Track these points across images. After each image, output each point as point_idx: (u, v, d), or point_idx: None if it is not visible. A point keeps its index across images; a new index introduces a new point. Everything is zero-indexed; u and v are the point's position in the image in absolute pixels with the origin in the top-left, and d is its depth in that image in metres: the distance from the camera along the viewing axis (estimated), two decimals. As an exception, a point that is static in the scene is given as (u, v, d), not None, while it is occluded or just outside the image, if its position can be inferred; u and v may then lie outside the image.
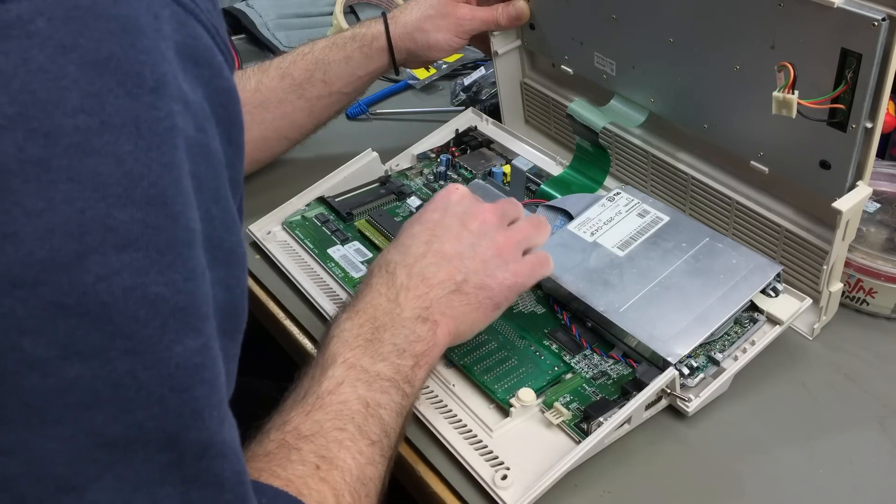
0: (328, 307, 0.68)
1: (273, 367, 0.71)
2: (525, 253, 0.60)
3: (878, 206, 0.70)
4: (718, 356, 0.60)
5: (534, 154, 0.84)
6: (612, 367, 0.61)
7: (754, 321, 0.62)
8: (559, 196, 0.77)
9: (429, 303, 0.55)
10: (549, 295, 0.67)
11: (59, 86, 0.30)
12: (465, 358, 0.62)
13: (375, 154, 0.82)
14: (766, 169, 0.66)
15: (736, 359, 0.61)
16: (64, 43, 0.30)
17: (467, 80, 1.00)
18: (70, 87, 0.30)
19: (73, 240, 0.30)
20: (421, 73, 1.07)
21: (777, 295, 0.63)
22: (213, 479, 0.35)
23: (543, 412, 0.58)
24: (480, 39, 0.86)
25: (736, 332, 0.62)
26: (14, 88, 0.30)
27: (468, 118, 0.90)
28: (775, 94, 0.57)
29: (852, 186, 0.60)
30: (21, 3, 0.30)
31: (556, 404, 0.58)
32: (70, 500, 0.32)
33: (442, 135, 0.88)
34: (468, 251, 0.57)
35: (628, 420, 0.57)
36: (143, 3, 0.33)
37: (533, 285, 0.60)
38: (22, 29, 0.30)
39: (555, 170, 0.82)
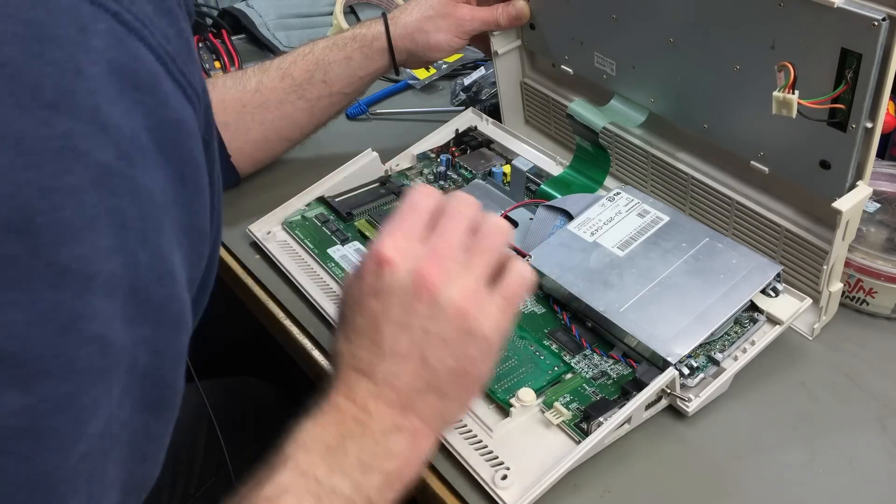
0: (328, 307, 0.68)
1: (272, 367, 0.71)
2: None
3: (878, 206, 0.70)
4: (718, 356, 0.60)
5: (534, 154, 0.84)
6: (612, 367, 0.61)
7: (754, 321, 0.62)
8: (559, 196, 0.77)
9: (401, 410, 0.46)
10: (549, 295, 0.67)
11: None
12: (465, 358, 0.62)
13: (375, 154, 0.82)
14: (766, 169, 0.66)
15: (736, 359, 0.61)
16: None
17: (467, 80, 1.00)
18: None
19: None
20: (421, 73, 1.07)
21: (777, 295, 0.63)
22: None
23: (543, 412, 0.58)
24: (480, 39, 0.86)
25: (736, 332, 0.62)
26: None
27: (468, 118, 0.90)
28: (775, 94, 0.57)
29: (852, 186, 0.60)
30: None
31: (556, 404, 0.58)
32: None
33: (442, 135, 0.88)
34: (424, 340, 0.46)
35: (628, 420, 0.57)
36: (68, 13, 0.29)
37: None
38: None
39: (555, 170, 0.82)
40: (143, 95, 0.31)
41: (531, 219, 0.75)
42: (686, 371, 0.59)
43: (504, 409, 0.58)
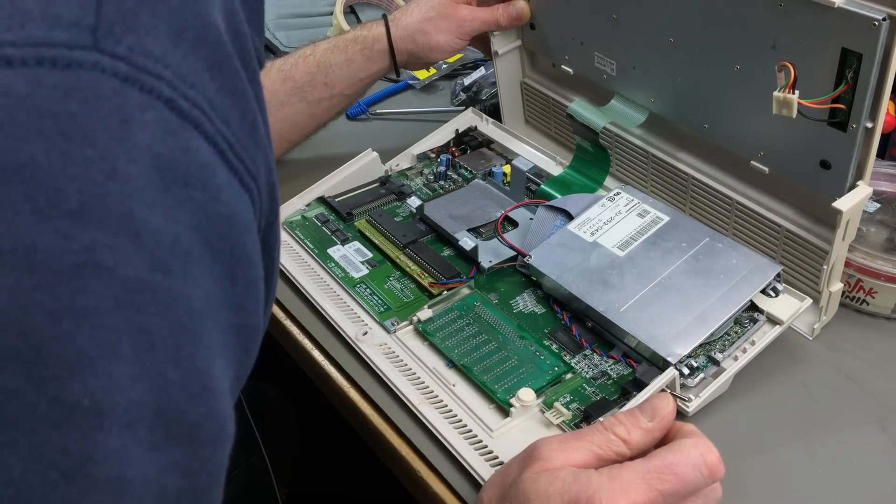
0: (328, 307, 0.68)
1: (272, 368, 0.71)
2: None
3: (878, 206, 0.70)
4: (718, 356, 0.60)
5: (534, 154, 0.84)
6: (612, 367, 0.61)
7: (754, 321, 0.62)
8: (559, 196, 0.77)
9: None
10: (549, 295, 0.67)
11: None
12: (466, 358, 0.62)
13: (375, 154, 0.82)
14: (766, 169, 0.66)
15: (736, 359, 0.61)
16: None
17: (467, 80, 1.00)
18: None
19: None
20: (421, 73, 1.07)
21: (777, 295, 0.63)
22: None
23: (543, 412, 0.58)
24: (480, 40, 0.86)
25: (736, 332, 0.62)
26: None
27: (468, 118, 0.90)
28: (776, 94, 0.57)
29: (852, 186, 0.60)
30: None
31: (557, 404, 0.58)
32: None
33: (442, 135, 0.88)
34: None
35: (628, 420, 0.57)
36: (109, 102, 0.25)
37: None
38: None
39: (555, 170, 0.82)
40: (193, 191, 0.28)
41: (531, 219, 0.75)
42: (686, 371, 0.59)
43: (504, 409, 0.58)
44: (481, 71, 1.01)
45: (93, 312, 0.25)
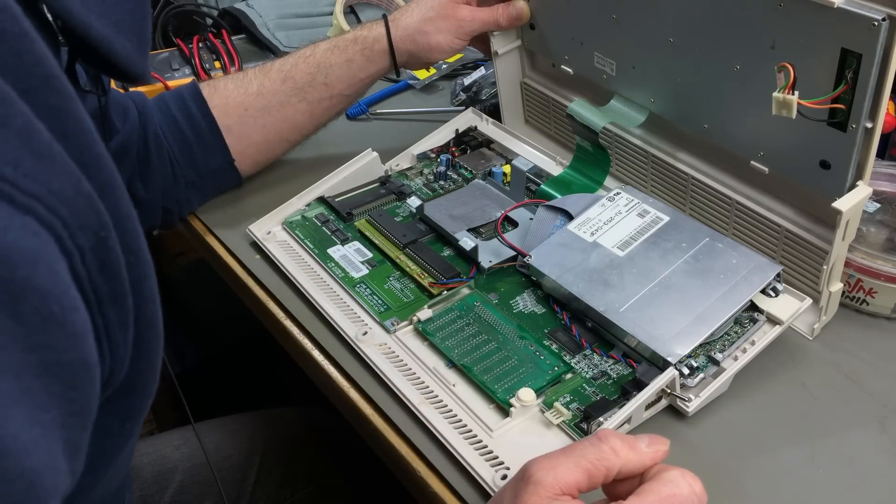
0: (328, 307, 0.68)
1: (272, 368, 0.71)
2: None
3: (878, 206, 0.70)
4: (718, 356, 0.60)
5: (534, 154, 0.84)
6: (612, 367, 0.61)
7: (754, 321, 0.62)
8: (559, 196, 0.77)
9: None
10: (549, 295, 0.67)
11: None
12: (465, 358, 0.62)
13: (375, 154, 0.83)
14: (766, 169, 0.66)
15: (736, 359, 0.61)
16: None
17: (467, 80, 1.00)
18: None
19: None
20: (421, 73, 1.07)
21: (777, 295, 0.63)
22: None
23: (543, 412, 0.58)
24: (480, 40, 0.86)
25: (736, 332, 0.62)
26: None
27: (468, 118, 0.90)
28: (775, 94, 0.57)
29: (852, 186, 0.60)
30: None
31: (557, 404, 0.58)
32: None
33: (442, 135, 0.88)
34: None
35: (628, 420, 0.57)
36: None
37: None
38: None
39: (555, 170, 0.82)
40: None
41: (531, 219, 0.75)
42: (686, 371, 0.59)
43: (504, 409, 0.58)
44: (481, 71, 1.01)
45: None
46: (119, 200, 0.33)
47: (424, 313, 0.66)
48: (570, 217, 0.72)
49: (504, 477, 0.53)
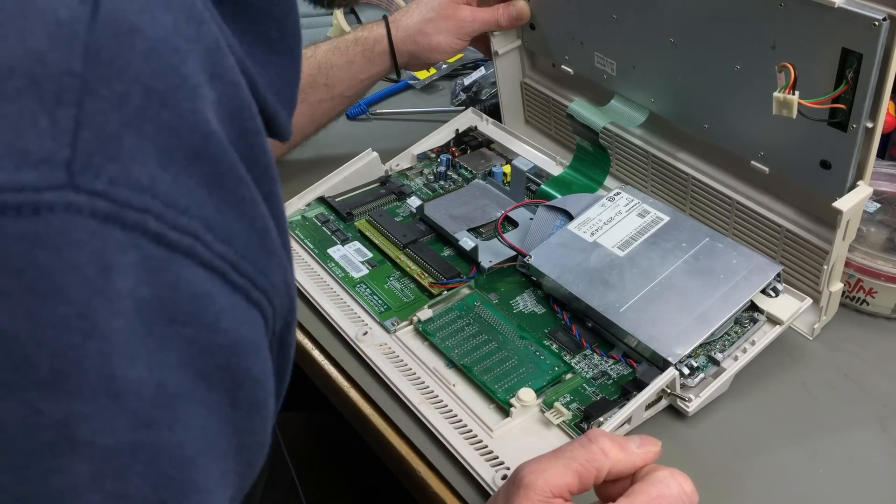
0: (328, 307, 0.68)
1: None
2: None
3: (878, 206, 0.70)
4: (718, 356, 0.60)
5: (534, 154, 0.84)
6: (612, 367, 0.61)
7: (754, 321, 0.62)
8: (559, 196, 0.77)
9: None
10: (549, 295, 0.67)
11: None
12: (466, 358, 0.62)
13: (375, 154, 0.82)
14: (766, 169, 0.66)
15: (736, 359, 0.61)
16: None
17: (467, 80, 1.00)
18: None
19: None
20: (421, 74, 1.07)
21: (777, 295, 0.63)
22: None
23: (544, 412, 0.58)
24: (481, 40, 0.86)
25: (736, 332, 0.62)
26: None
27: (468, 118, 0.90)
28: (776, 94, 0.57)
29: (853, 186, 0.60)
30: None
31: (557, 404, 0.58)
32: None
33: (442, 135, 0.88)
34: None
35: (628, 420, 0.57)
36: (86, 248, 0.22)
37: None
38: None
39: (555, 170, 0.82)
40: (180, 328, 0.25)
41: (531, 219, 0.75)
42: (686, 371, 0.59)
43: (504, 409, 0.58)
44: (481, 71, 1.01)
45: (67, 495, 0.23)
46: (294, 287, 0.34)
47: (424, 313, 0.66)
48: (570, 217, 0.72)
49: (504, 477, 0.53)
